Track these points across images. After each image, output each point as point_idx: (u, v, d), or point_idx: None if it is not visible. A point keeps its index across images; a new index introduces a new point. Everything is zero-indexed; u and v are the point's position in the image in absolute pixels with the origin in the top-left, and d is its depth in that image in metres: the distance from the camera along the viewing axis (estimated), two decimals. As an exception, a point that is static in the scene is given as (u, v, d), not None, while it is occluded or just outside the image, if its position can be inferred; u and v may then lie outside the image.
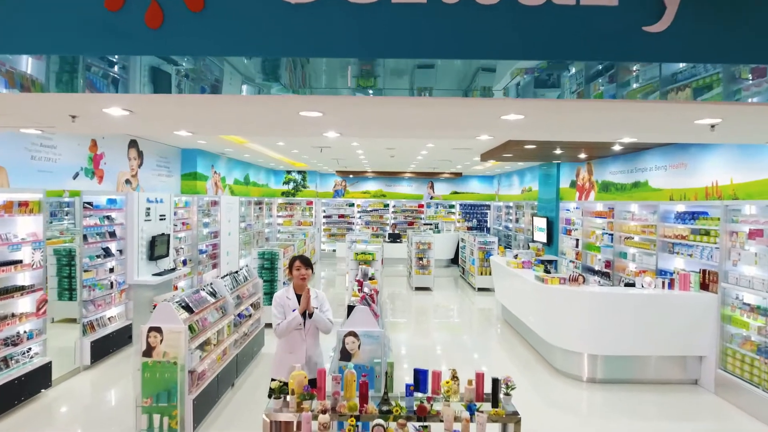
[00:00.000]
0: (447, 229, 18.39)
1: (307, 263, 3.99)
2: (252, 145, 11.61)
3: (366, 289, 5.76)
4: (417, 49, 2.49)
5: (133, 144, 9.54)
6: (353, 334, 4.15)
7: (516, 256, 9.29)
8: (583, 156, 10.67)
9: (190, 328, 5.00)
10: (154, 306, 4.82)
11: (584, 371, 6.51)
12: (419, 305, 11.46)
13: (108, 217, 7.52)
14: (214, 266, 11.27)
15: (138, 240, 7.87)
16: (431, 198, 20.30)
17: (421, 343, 8.42)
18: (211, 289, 5.93)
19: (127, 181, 9.35)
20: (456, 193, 20.32)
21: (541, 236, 13.18)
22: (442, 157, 13.50)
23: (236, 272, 6.98)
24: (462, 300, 12.15)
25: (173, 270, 8.59)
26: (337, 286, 13.61)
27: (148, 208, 8.18)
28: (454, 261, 17.32)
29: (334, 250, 18.72)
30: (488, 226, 19.69)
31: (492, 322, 9.81)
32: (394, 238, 17.46)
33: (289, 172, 19.75)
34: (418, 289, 12.95)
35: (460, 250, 15.93)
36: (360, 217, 20.07)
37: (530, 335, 7.93)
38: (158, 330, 4.62)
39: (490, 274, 12.24)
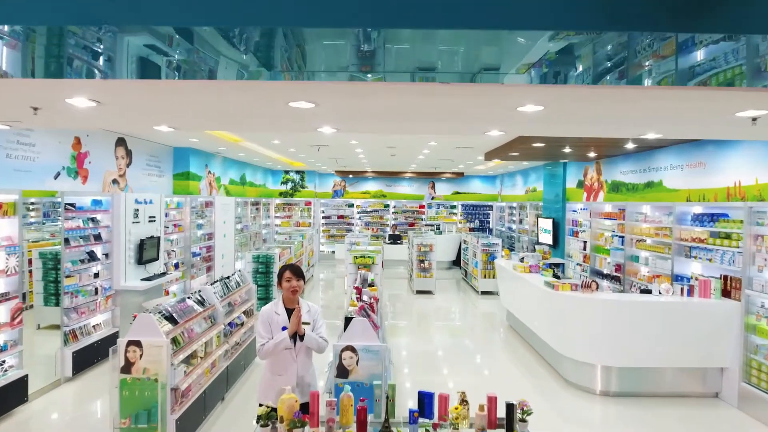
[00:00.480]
0: (449, 230, 18.00)
1: (298, 273, 3.56)
2: (247, 144, 11.21)
3: (365, 297, 5.36)
4: (428, 17, 1.99)
5: (120, 142, 9.13)
6: (351, 348, 3.77)
7: (522, 260, 8.91)
8: (592, 155, 10.27)
9: (175, 340, 4.60)
10: (134, 317, 4.42)
11: (597, 384, 6.12)
12: (421, 310, 11.04)
13: (93, 219, 7.11)
14: (209, 269, 10.88)
15: (125, 243, 7.48)
16: (432, 198, 19.90)
17: (423, 351, 8.01)
18: (198, 297, 5.53)
19: (115, 181, 8.94)
20: (458, 193, 19.92)
21: (547, 238, 12.79)
22: (444, 156, 13.10)
23: (227, 278, 6.57)
24: (465, 304, 11.75)
25: (164, 274, 8.20)
26: (336, 288, 13.23)
27: (137, 210, 7.78)
28: (456, 263, 16.92)
29: (333, 252, 18.40)
30: (491, 227, 19.30)
31: (496, 328, 9.42)
32: (395, 239, 17.10)
33: (287, 172, 19.35)
34: (419, 292, 12.54)
35: (462, 251, 15.53)
36: (360, 218, 19.67)
37: (538, 343, 7.53)
38: (137, 344, 4.23)
39: (493, 276, 11.86)
